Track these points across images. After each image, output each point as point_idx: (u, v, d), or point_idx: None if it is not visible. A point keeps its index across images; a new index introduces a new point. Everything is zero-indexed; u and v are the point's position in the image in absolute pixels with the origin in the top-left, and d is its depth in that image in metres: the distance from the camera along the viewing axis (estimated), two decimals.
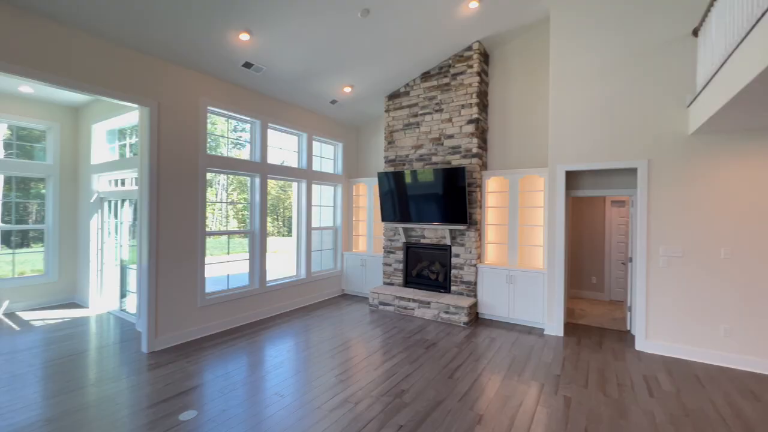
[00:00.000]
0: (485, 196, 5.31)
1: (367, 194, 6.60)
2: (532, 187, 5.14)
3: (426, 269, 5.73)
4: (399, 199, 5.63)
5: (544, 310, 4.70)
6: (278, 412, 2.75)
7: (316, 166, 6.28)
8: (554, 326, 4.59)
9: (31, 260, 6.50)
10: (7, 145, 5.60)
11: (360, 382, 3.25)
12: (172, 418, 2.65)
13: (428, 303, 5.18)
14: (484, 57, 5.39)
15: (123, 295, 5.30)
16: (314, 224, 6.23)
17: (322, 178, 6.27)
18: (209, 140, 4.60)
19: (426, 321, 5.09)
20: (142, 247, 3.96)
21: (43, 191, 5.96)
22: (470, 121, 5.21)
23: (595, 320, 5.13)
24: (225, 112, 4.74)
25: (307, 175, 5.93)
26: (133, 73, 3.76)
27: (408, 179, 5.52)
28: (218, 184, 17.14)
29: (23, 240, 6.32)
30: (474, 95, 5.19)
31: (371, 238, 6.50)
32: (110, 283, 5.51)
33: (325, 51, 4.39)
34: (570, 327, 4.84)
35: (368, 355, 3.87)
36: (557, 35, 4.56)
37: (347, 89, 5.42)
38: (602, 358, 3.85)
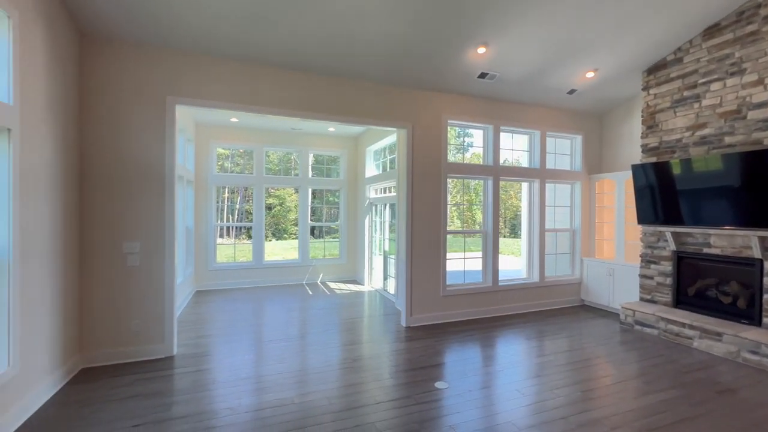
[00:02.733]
0: None
1: (616, 192, 5.58)
2: None
3: (713, 288, 4.27)
4: (665, 197, 4.47)
5: None
6: (519, 408, 2.78)
7: (549, 164, 5.89)
8: None
9: (329, 247, 9.26)
10: (313, 168, 8.33)
11: (614, 407, 2.82)
12: (429, 384, 3.17)
13: (719, 335, 3.85)
14: None
15: (385, 278, 6.75)
16: (546, 225, 5.86)
17: (557, 176, 5.80)
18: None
19: (714, 357, 3.80)
20: (400, 241, 4.93)
21: (331, 199, 8.47)
22: None
23: None
24: (461, 122, 5.21)
25: (539, 174, 5.66)
26: (394, 104, 4.75)
27: (678, 170, 4.30)
28: None
29: (320, 233, 9.19)
30: None
31: (621, 244, 5.46)
32: (377, 268, 7.13)
33: (563, 40, 4.08)
34: None
35: (622, 380, 3.29)
36: None
37: (590, 74, 4.81)
38: None
